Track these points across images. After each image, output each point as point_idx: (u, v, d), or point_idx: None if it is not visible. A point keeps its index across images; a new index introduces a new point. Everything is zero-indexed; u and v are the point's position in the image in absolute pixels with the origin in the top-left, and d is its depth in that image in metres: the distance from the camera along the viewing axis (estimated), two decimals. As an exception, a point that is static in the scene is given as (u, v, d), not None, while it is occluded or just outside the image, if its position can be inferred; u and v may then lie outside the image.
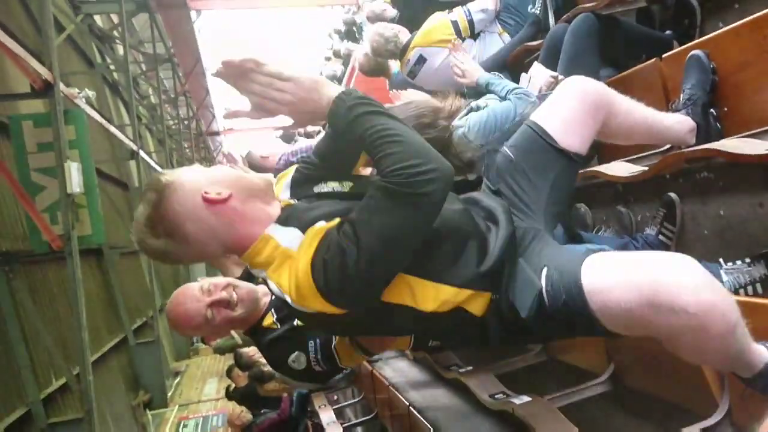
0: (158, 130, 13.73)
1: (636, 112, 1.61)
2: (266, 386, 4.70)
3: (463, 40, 3.15)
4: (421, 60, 3.22)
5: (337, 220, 1.18)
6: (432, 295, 1.22)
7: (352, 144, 1.24)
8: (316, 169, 1.45)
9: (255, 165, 3.17)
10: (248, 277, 2.00)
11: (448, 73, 2.76)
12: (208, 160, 21.58)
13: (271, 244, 1.23)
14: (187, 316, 1.67)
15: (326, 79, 1.24)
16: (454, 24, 3.15)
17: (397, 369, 3.15)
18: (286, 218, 1.27)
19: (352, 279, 1.12)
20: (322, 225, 1.18)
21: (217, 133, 21.25)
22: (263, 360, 3.13)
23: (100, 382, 6.35)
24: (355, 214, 1.15)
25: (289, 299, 1.18)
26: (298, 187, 1.43)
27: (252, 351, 5.02)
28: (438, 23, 3.21)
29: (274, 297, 1.79)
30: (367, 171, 1.63)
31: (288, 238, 1.22)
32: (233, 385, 6.21)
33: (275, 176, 1.49)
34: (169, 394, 9.76)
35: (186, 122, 16.69)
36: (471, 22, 3.17)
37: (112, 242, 8.09)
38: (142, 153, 8.67)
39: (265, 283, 1.27)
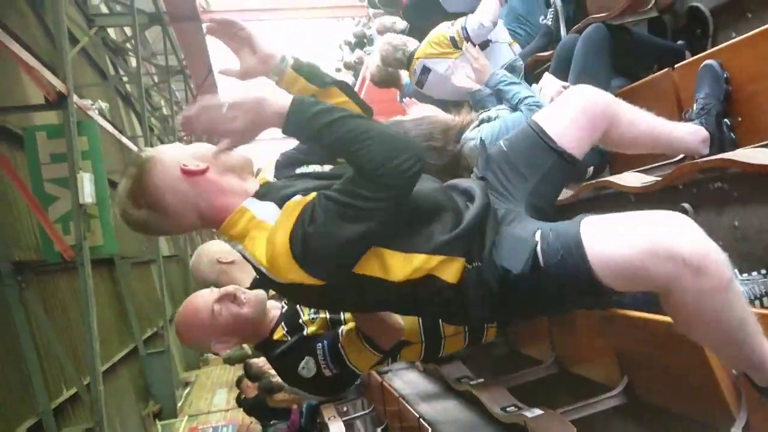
0: (170, 141, 13.83)
1: (641, 124, 1.62)
2: (275, 397, 4.68)
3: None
4: (426, 70, 3.28)
5: (313, 195, 1.21)
6: (401, 265, 1.25)
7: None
8: (300, 154, 1.51)
9: None
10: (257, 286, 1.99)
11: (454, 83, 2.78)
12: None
13: (247, 216, 1.28)
14: (195, 310, 1.67)
15: (266, 92, 1.26)
16: (452, 39, 3.16)
17: (407, 381, 3.13)
18: (263, 194, 1.32)
19: (331, 253, 1.18)
20: (299, 198, 1.23)
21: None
22: (273, 371, 3.12)
23: (110, 392, 6.36)
24: (337, 193, 1.19)
25: (264, 269, 1.23)
26: (282, 169, 1.48)
27: (261, 361, 5.01)
28: (436, 36, 3.24)
29: (284, 309, 1.79)
30: None
31: (264, 211, 1.27)
32: (243, 395, 6.21)
33: None
34: (179, 404, 9.75)
35: (197, 133, 16.82)
36: (468, 38, 3.18)
37: (123, 252, 8.13)
38: (153, 164, 8.71)
39: (243, 255, 1.31)
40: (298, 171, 1.46)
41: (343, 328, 1.68)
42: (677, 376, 1.60)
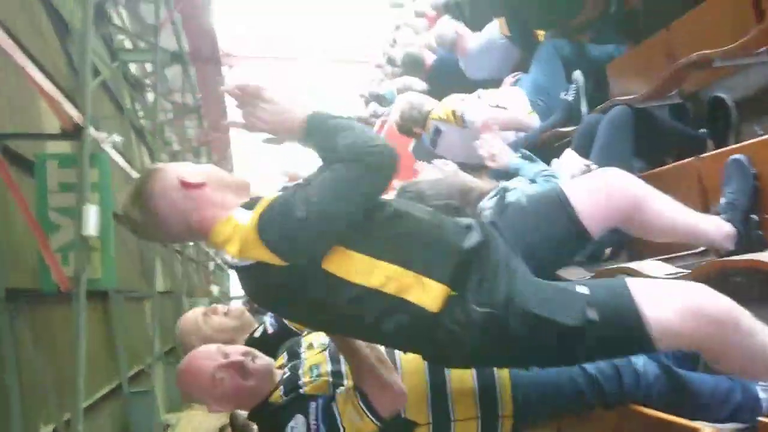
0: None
1: (665, 215, 1.62)
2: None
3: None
4: (437, 131, 3.42)
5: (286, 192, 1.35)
6: (366, 268, 1.29)
7: None
8: None
9: None
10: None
11: (467, 148, 2.83)
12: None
13: (231, 223, 1.36)
14: (196, 372, 1.62)
15: (298, 100, 1.39)
16: (453, 113, 3.32)
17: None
18: (251, 204, 1.41)
19: (293, 229, 1.26)
20: (271, 195, 1.36)
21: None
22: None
23: (89, 430, 6.14)
24: (309, 180, 1.32)
25: (230, 257, 1.34)
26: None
27: (249, 413, 4.86)
28: (448, 105, 3.36)
29: (286, 375, 1.71)
30: None
31: (246, 217, 1.35)
32: (225, 447, 6.00)
33: None
34: (158, 447, 9.44)
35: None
36: (462, 119, 3.30)
37: (118, 286, 8.01)
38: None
39: (226, 261, 1.40)
40: None
41: (342, 388, 1.60)
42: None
